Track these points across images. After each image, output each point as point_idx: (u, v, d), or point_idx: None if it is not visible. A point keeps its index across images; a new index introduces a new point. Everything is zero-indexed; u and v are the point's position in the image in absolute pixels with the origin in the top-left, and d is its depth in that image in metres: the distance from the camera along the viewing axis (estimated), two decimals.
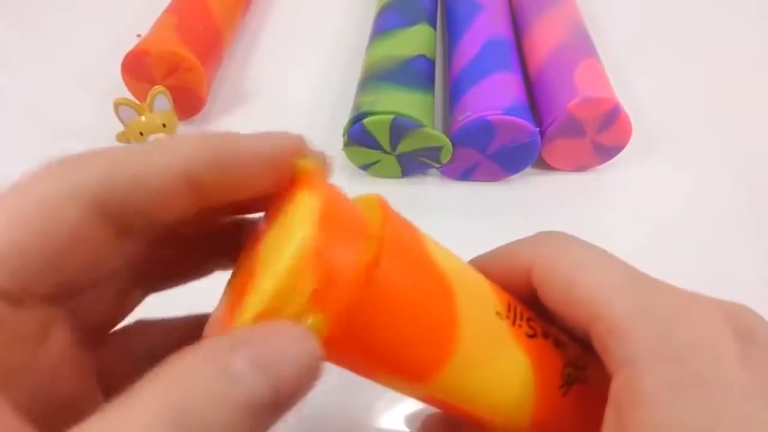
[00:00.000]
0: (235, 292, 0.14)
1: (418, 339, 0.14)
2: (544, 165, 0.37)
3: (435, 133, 0.33)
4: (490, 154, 0.35)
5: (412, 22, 0.40)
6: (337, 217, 0.13)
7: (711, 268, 0.32)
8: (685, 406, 0.13)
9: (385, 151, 0.35)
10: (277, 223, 0.13)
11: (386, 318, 0.13)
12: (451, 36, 0.42)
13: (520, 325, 0.16)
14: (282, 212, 0.14)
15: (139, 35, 0.38)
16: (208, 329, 0.14)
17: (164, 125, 0.35)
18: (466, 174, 0.36)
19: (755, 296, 0.15)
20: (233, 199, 0.13)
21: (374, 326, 0.13)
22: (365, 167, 0.36)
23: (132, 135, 0.35)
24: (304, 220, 0.12)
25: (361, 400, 0.26)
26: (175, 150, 0.12)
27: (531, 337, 0.16)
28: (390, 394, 0.26)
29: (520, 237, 0.18)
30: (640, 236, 0.34)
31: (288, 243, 0.12)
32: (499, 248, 0.18)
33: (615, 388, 0.14)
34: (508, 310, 0.16)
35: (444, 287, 0.14)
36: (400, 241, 0.14)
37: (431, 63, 0.39)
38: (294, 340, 0.11)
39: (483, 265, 0.17)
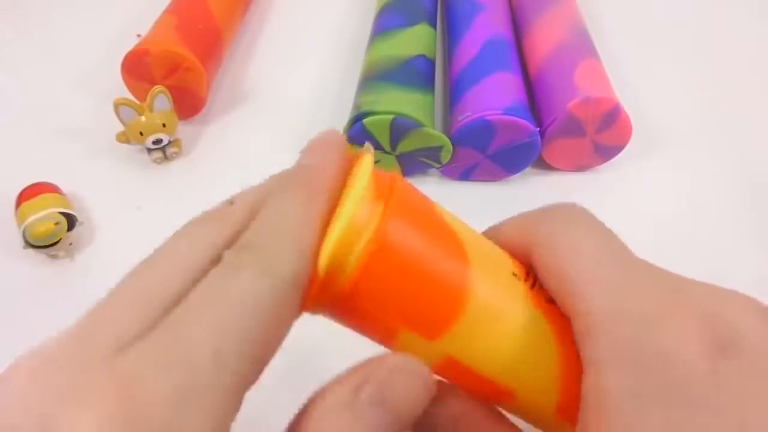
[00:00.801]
0: None
1: (431, 288, 0.14)
2: (544, 165, 0.37)
3: (435, 133, 0.33)
4: (490, 154, 0.35)
5: (412, 22, 0.40)
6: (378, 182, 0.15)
7: (711, 268, 0.32)
8: (645, 419, 0.12)
9: (385, 151, 0.35)
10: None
11: (399, 267, 0.14)
12: (451, 36, 0.42)
13: (539, 291, 0.16)
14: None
15: (139, 35, 0.38)
16: None
17: (164, 125, 0.35)
18: (466, 174, 0.36)
19: (754, 296, 0.15)
20: None
21: (388, 275, 0.14)
22: None
23: (132, 135, 0.35)
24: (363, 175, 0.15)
25: None
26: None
27: (551, 302, 0.16)
28: None
29: None
30: (639, 236, 0.34)
31: (355, 184, 0.15)
32: (505, 222, 0.18)
33: (584, 387, 0.14)
34: (527, 275, 0.16)
35: (455, 242, 0.15)
36: (411, 200, 0.15)
37: (431, 63, 0.39)
38: (411, 375, 0.13)
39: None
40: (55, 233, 0.30)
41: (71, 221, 0.31)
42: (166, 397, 0.11)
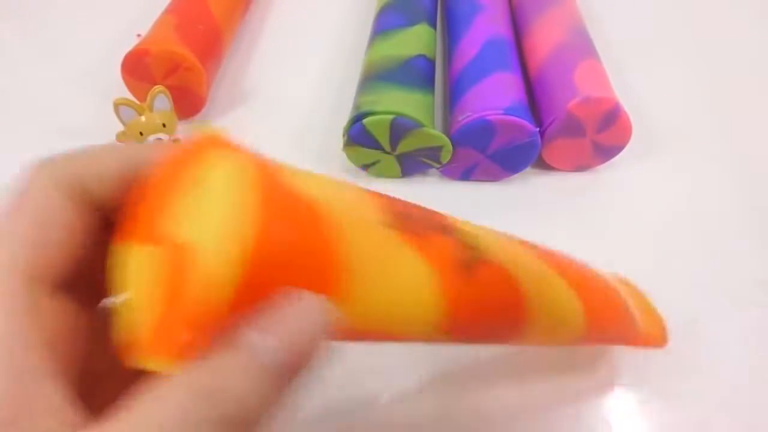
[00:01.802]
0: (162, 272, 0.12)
1: (305, 278, 0.13)
2: (544, 165, 0.37)
3: (435, 133, 0.33)
4: (490, 154, 0.35)
5: (412, 22, 0.40)
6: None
7: (711, 269, 0.32)
8: None
9: (385, 151, 0.35)
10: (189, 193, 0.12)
11: (277, 267, 0.12)
12: (451, 36, 0.42)
13: (407, 228, 0.16)
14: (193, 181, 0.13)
15: (139, 35, 0.38)
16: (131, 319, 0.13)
17: (164, 125, 0.35)
18: (466, 174, 0.36)
19: (754, 297, 0.15)
20: None
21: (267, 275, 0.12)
22: (365, 167, 0.36)
23: (132, 135, 0.35)
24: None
25: (363, 395, 0.26)
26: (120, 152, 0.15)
27: (421, 236, 0.16)
28: (393, 389, 0.26)
29: (520, 237, 0.18)
30: (639, 236, 0.34)
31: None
32: None
33: None
34: (394, 217, 0.15)
35: (318, 227, 0.13)
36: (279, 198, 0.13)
37: (431, 63, 0.39)
38: (302, 304, 0.12)
39: None
40: None
41: None
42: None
